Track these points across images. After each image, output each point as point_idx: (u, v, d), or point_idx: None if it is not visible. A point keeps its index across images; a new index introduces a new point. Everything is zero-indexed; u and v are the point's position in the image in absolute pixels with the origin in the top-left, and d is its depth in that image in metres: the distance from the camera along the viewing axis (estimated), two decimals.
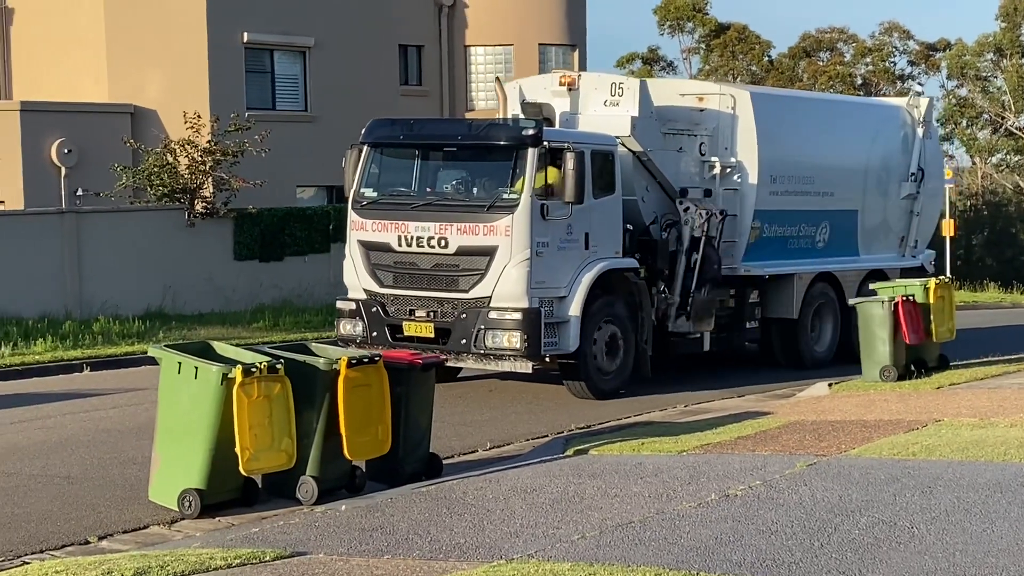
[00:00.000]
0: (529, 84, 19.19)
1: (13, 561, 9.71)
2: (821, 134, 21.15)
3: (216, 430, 10.76)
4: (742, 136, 19.25)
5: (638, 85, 18.30)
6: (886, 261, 22.22)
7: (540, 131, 16.38)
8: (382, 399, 11.53)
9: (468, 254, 16.34)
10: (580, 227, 16.71)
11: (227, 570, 8.73)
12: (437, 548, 9.33)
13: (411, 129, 17.83)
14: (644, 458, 12.73)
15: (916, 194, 22.46)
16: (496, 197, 16.44)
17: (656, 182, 18.55)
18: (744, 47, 52.02)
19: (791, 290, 20.13)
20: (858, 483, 11.11)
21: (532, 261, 16.10)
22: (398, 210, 16.90)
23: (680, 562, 8.61)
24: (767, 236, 19.81)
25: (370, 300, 17.01)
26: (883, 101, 26.83)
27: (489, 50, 35.19)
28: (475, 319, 16.18)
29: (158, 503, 11.10)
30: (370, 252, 17.07)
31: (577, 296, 16.53)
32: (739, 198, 19.30)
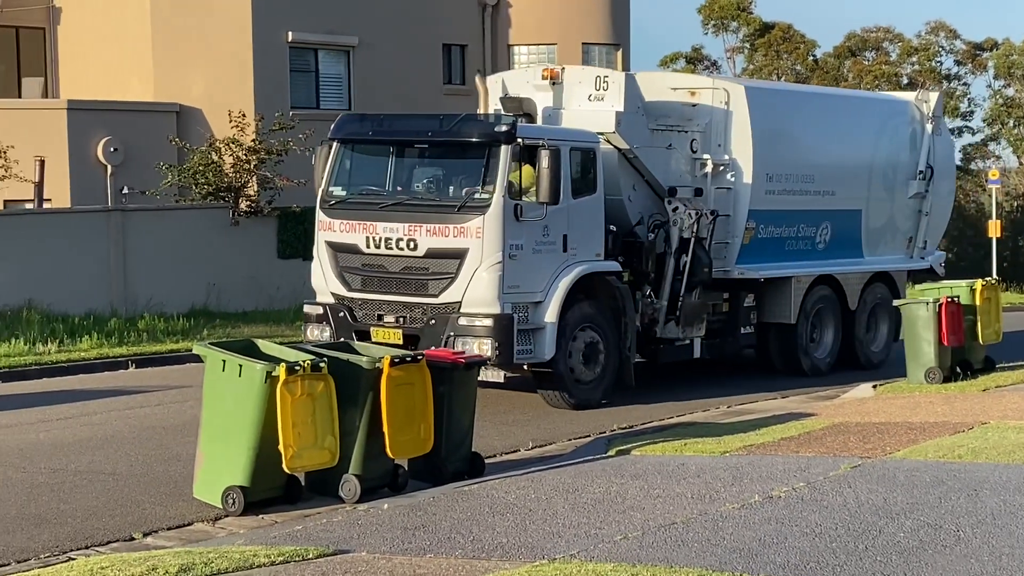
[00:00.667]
0: (512, 78, 18.40)
1: (59, 557, 9.78)
2: (822, 130, 20.26)
3: (260, 428, 10.80)
4: (736, 132, 18.35)
5: (623, 79, 17.48)
6: (892, 263, 21.38)
7: (514, 127, 15.54)
8: (425, 398, 11.55)
9: (438, 257, 15.53)
10: (557, 228, 15.90)
11: (271, 567, 8.76)
12: (479, 547, 9.33)
13: (381, 125, 16.99)
14: (687, 459, 12.69)
15: (925, 193, 21.46)
16: (467, 197, 15.60)
17: (644, 181, 17.77)
18: (789, 46, 51.72)
19: (788, 294, 19.18)
20: (903, 486, 11.03)
21: (505, 264, 15.29)
22: (367, 210, 16.08)
23: (723, 564, 8.57)
24: (763, 237, 18.90)
25: (338, 304, 16.20)
26: (890, 95, 25.69)
27: (532, 49, 35.13)
28: (444, 325, 15.32)
29: (202, 500, 11.16)
30: (338, 254, 16.26)
31: (553, 301, 15.74)
32: (733, 197, 18.39)
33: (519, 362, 15.52)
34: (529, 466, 12.65)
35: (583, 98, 17.38)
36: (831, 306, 20.00)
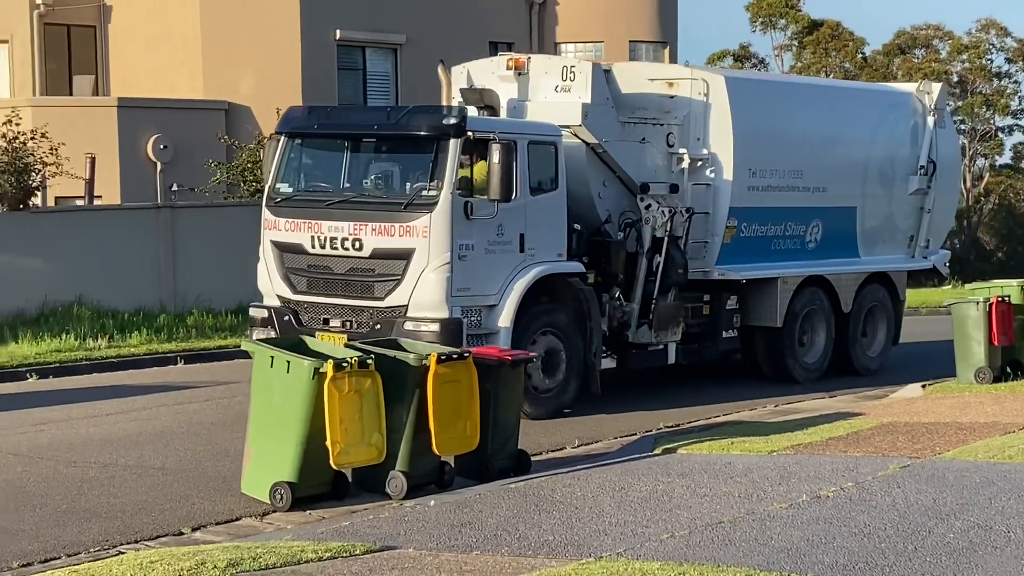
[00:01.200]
0: (477, 68, 17.17)
1: (108, 551, 9.84)
2: (811, 123, 19.06)
3: (307, 424, 10.84)
4: (716, 125, 17.26)
5: (591, 69, 16.36)
6: (891, 263, 20.27)
7: (463, 120, 14.58)
8: (471, 395, 11.56)
9: (384, 257, 14.57)
10: (514, 227, 14.91)
11: (318, 563, 8.79)
12: (526, 545, 9.33)
13: (328, 117, 16.15)
14: (734, 457, 12.64)
15: (927, 189, 20.29)
16: (414, 194, 14.64)
17: (615, 177, 16.73)
18: (837, 44, 51.43)
19: (774, 296, 18.07)
20: (953, 486, 10.95)
21: (453, 265, 14.35)
22: (312, 208, 15.14)
23: (771, 563, 8.53)
24: (745, 236, 17.80)
25: (283, 307, 15.24)
26: (889, 87, 24.31)
27: (579, 47, 35.08)
28: (390, 330, 14.25)
29: (250, 495, 11.20)
30: (283, 254, 15.28)
31: (507, 305, 14.73)
32: (712, 194, 17.33)
33: None
34: (575, 464, 12.64)
35: (550, 89, 16.47)
36: (822, 309, 18.97)
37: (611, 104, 16.52)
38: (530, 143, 15.18)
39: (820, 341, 19.00)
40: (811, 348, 18.96)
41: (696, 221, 17.01)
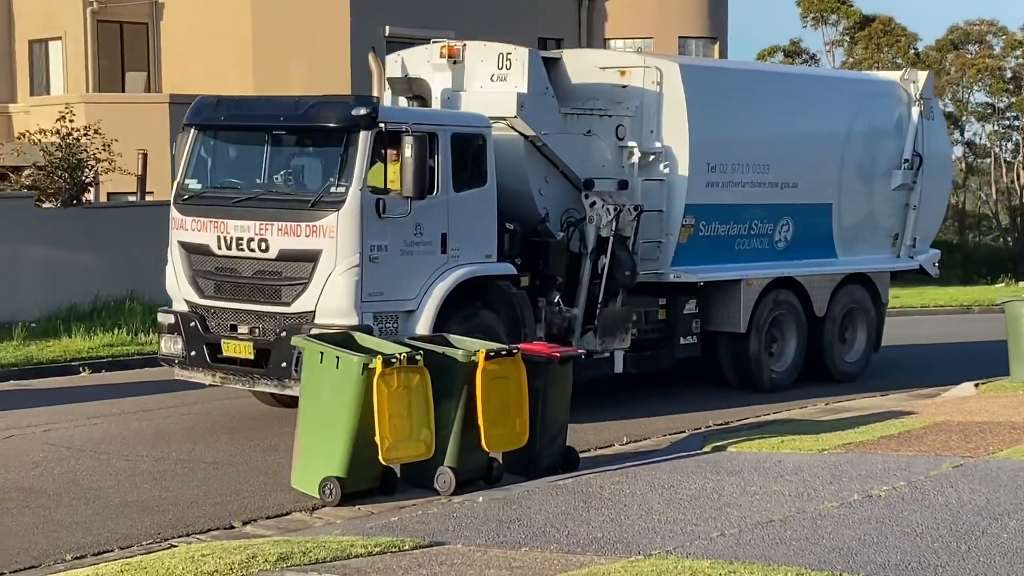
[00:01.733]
0: (412, 57, 16.02)
1: (161, 544, 9.91)
2: (779, 114, 17.57)
3: (356, 419, 10.87)
4: (670, 117, 15.90)
5: (527, 56, 15.07)
6: (873, 263, 18.83)
7: (374, 111, 13.37)
8: (520, 392, 11.56)
9: (291, 259, 13.43)
10: (434, 226, 13.77)
11: (367, 558, 8.81)
12: (574, 542, 9.32)
13: (236, 109, 14.82)
14: (784, 456, 12.57)
15: (912, 184, 18.85)
16: (322, 191, 13.49)
17: (558, 172, 15.45)
18: (889, 39, 51.05)
19: (737, 299, 16.75)
20: (1006, 486, 10.85)
21: (363, 268, 13.20)
22: (218, 206, 13.98)
23: (822, 563, 8.48)
24: (705, 235, 16.45)
25: (190, 313, 14.13)
26: (870, 75, 22.96)
27: (629, 43, 34.98)
28: None
29: (300, 490, 11.25)
30: (191, 255, 14.13)
31: (426, 311, 13.60)
32: (666, 190, 15.94)
33: None
34: (623, 461, 12.61)
35: (485, 78, 15.25)
36: (793, 313, 17.60)
37: (551, 94, 15.32)
38: (453, 135, 14.03)
39: (791, 347, 17.71)
40: (781, 355, 17.65)
41: (649, 219, 15.78)
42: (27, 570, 9.23)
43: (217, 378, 14.01)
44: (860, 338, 18.74)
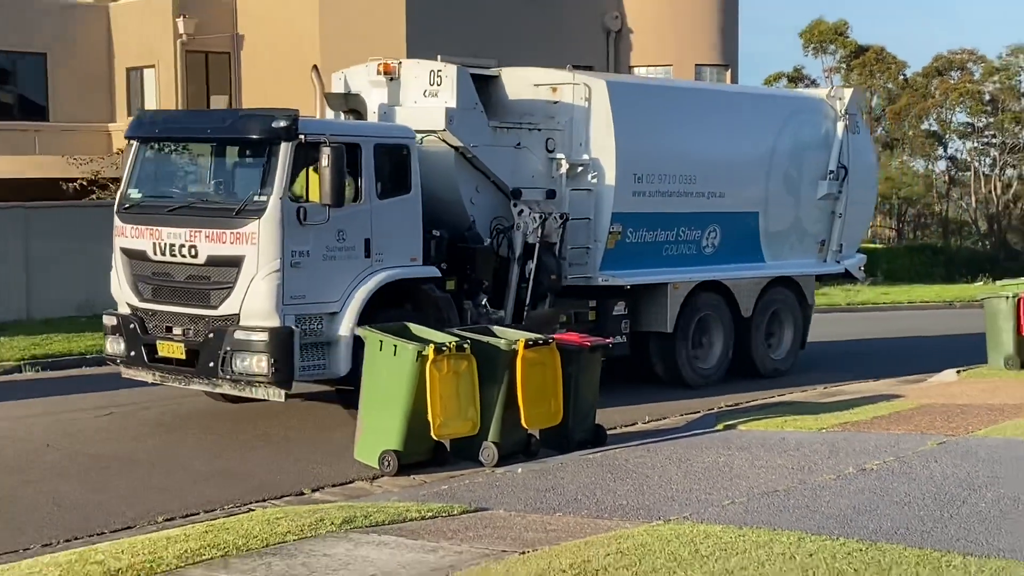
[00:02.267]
0: (353, 74, 15.19)
1: (240, 508, 9.96)
2: (706, 129, 16.55)
3: (411, 400, 10.90)
4: (597, 130, 15.05)
5: (455, 73, 14.35)
6: (800, 267, 17.76)
7: (294, 123, 12.56)
8: (555, 376, 11.56)
9: (217, 265, 12.65)
10: (357, 232, 12.96)
11: (420, 521, 8.83)
12: (602, 508, 9.31)
13: (170, 122, 14.09)
14: (787, 434, 12.52)
15: (838, 194, 17.86)
16: (246, 200, 12.67)
17: (489, 182, 14.63)
18: (881, 66, 50.69)
19: (664, 301, 15.81)
20: (984, 461, 10.76)
21: (285, 272, 12.38)
22: (154, 215, 13.24)
23: (821, 528, 8.44)
24: (632, 241, 15.53)
25: (130, 315, 13.39)
26: (797, 93, 21.95)
27: (651, 70, 34.92)
28: (222, 340, 12.51)
29: (362, 462, 11.28)
30: (131, 261, 13.37)
31: (348, 312, 12.76)
32: (594, 199, 15.10)
33: (306, 379, 12.79)
34: (646, 438, 12.59)
35: (419, 94, 14.52)
36: (720, 313, 16.62)
37: (479, 109, 14.55)
38: (376, 146, 13.22)
39: (718, 345, 16.72)
40: (708, 353, 16.69)
41: (577, 227, 14.96)
42: (124, 530, 9.29)
43: (157, 377, 13.27)
44: (787, 337, 17.78)
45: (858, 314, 29.35)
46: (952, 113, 51.56)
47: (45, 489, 10.62)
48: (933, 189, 52.69)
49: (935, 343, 22.38)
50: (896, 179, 50.03)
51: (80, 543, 8.84)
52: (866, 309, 30.27)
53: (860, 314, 29.35)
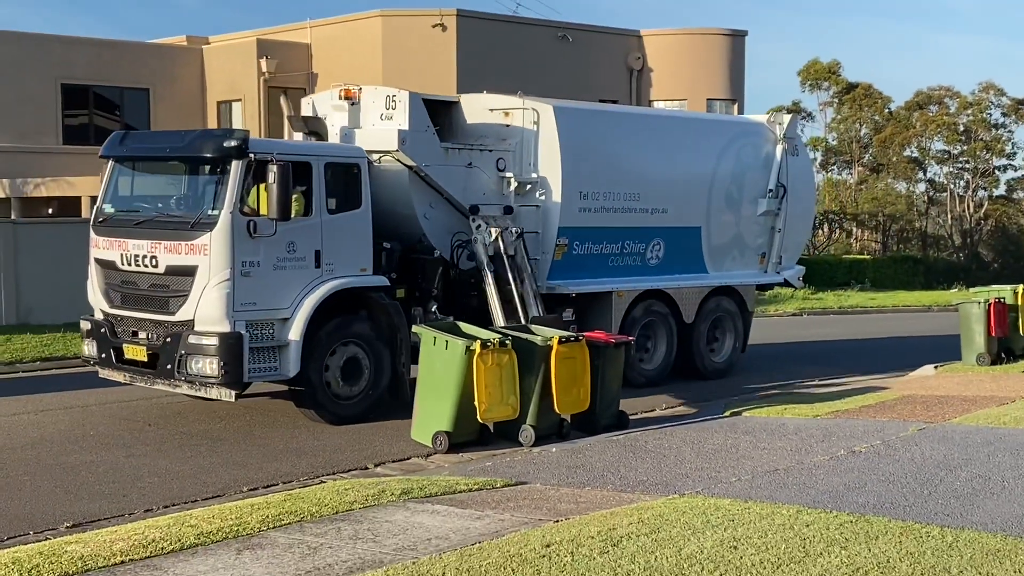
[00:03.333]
0: (320, 99, 14.58)
1: (313, 480, 9.99)
2: (650, 151, 15.73)
3: (461, 388, 10.90)
4: (544, 151, 14.38)
5: (408, 98, 13.71)
6: (741, 278, 16.92)
7: (244, 142, 11.93)
8: (584, 368, 11.54)
9: (175, 274, 12.08)
10: (307, 244, 12.27)
11: (468, 493, 8.82)
12: (625, 483, 9.28)
13: (136, 141, 13.44)
14: (786, 420, 12.43)
15: (777, 210, 17.01)
16: (200, 214, 12.04)
17: (443, 199, 13.93)
18: (869, 101, 50.20)
19: (609, 308, 15.01)
20: (959, 445, 10.65)
21: (235, 281, 11.74)
22: (122, 227, 12.71)
23: (816, 503, 8.38)
24: (578, 253, 14.76)
25: (103, 320, 12.90)
26: (739, 118, 20.95)
27: (668, 104, 34.80)
28: (178, 343, 11.96)
29: (417, 441, 11.30)
30: (103, 270, 12.85)
31: (298, 318, 12.08)
32: (542, 215, 14.43)
33: (256, 380, 12.13)
34: (663, 422, 12.54)
35: (376, 117, 13.90)
36: (663, 320, 15.81)
37: (431, 131, 13.84)
38: (327, 164, 12.55)
39: (661, 349, 15.89)
40: (652, 356, 15.85)
41: (528, 239, 14.17)
42: (214, 498, 9.35)
43: (127, 377, 12.75)
44: (728, 341, 16.92)
45: (848, 316, 29.13)
46: (931, 142, 51.05)
47: (146, 462, 10.70)
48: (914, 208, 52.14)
49: (916, 342, 22.19)
50: (881, 199, 49.50)
51: (176, 509, 8.91)
52: (855, 312, 30.04)
53: (850, 316, 29.13)
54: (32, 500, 9.28)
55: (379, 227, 13.02)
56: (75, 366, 16.58)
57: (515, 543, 7.18)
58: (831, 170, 51.76)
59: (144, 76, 31.51)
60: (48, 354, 17.77)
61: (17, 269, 21.30)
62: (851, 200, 48.98)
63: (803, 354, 19.05)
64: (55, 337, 18.97)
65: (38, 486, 9.74)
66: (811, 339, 22.72)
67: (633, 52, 34.75)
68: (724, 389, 15.42)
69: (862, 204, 48.98)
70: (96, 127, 30.66)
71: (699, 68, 35.06)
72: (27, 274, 21.29)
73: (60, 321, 20.04)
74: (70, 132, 30.47)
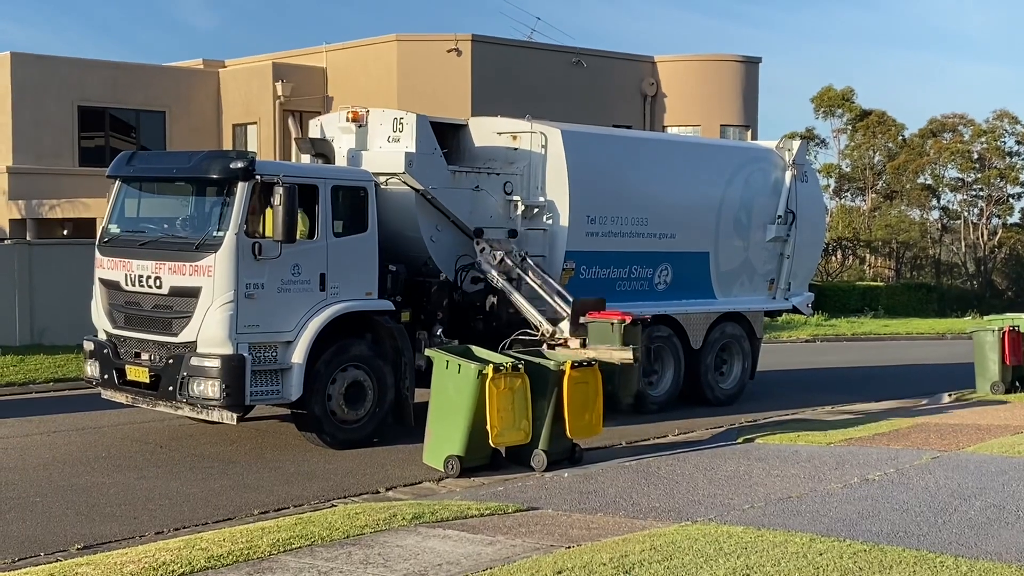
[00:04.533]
0: (327, 121, 14.45)
1: (324, 504, 9.96)
2: (657, 176, 15.60)
3: (473, 412, 10.88)
4: (552, 175, 14.26)
5: (415, 120, 13.57)
6: (750, 304, 16.65)
7: (251, 164, 11.80)
8: (596, 394, 11.51)
9: (179, 295, 11.91)
10: (313, 267, 12.11)
11: (480, 518, 8.79)
12: (638, 509, 9.24)
13: (144, 162, 13.18)
14: (799, 447, 12.37)
15: (786, 237, 16.83)
16: (205, 235, 11.88)
17: (449, 221, 13.74)
18: (883, 128, 50.19)
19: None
20: (973, 474, 10.58)
21: (238, 303, 11.60)
22: (127, 248, 12.54)
23: (829, 531, 8.32)
24: (585, 278, 14.57)
25: (106, 341, 12.75)
26: (749, 144, 20.81)
27: (682, 130, 34.83)
28: (180, 365, 11.81)
29: (429, 465, 11.27)
30: (108, 291, 12.71)
31: (301, 341, 11.92)
32: (549, 238, 14.27)
33: (258, 403, 11.99)
34: (675, 448, 12.49)
35: (383, 139, 13.73)
36: (670, 345, 15.56)
37: (439, 154, 13.70)
38: (334, 187, 12.42)
39: (668, 375, 15.60)
40: (659, 381, 15.58)
41: (534, 263, 14.00)
42: (225, 521, 9.32)
43: (128, 399, 12.64)
44: (736, 368, 16.64)
45: (862, 343, 29.03)
46: (944, 169, 50.99)
47: (158, 484, 10.69)
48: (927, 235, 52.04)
49: (929, 370, 22.08)
50: (895, 225, 49.43)
51: (187, 531, 8.89)
52: (869, 339, 29.93)
53: (863, 343, 29.03)
54: (44, 521, 9.28)
55: (385, 249, 12.92)
56: (88, 387, 16.57)
57: (526, 569, 7.15)
58: (844, 196, 51.73)
59: (160, 99, 31.70)
60: (61, 375, 17.80)
61: (32, 289, 21.39)
62: (864, 227, 48.91)
63: (816, 381, 18.97)
64: (68, 358, 19.02)
65: (50, 507, 9.74)
66: (824, 366, 22.63)
67: (647, 78, 34.83)
68: (736, 415, 15.35)
69: (875, 231, 48.90)
70: (112, 149, 30.81)
71: (713, 94, 35.10)
72: (41, 295, 21.38)
73: (73, 342, 20.04)
74: (86, 154, 30.63)
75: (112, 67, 31.37)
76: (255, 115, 31.83)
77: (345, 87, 31.61)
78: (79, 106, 30.39)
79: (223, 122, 32.80)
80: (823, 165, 50.51)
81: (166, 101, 31.83)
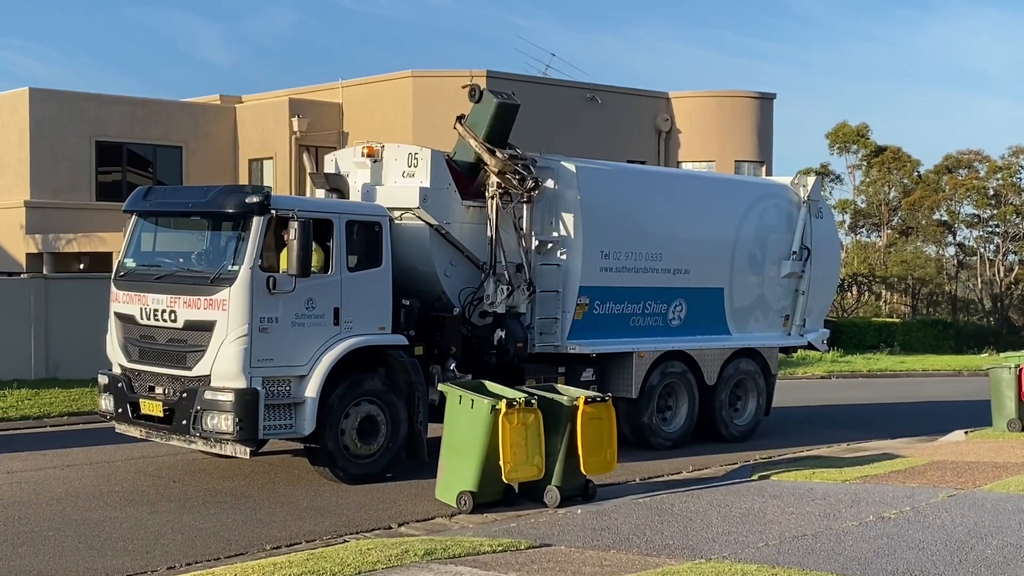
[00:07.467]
0: (342, 156, 14.44)
1: (336, 540, 9.93)
2: (672, 211, 15.54)
3: (486, 448, 10.86)
4: (566, 211, 14.21)
5: (430, 156, 13.63)
6: (764, 340, 16.54)
7: (266, 198, 11.83)
8: (611, 429, 11.47)
9: (194, 329, 11.92)
10: (327, 301, 12.11)
11: (492, 554, 8.76)
12: (651, 547, 9.19)
13: (159, 196, 13.15)
14: (815, 484, 12.30)
15: (801, 273, 16.72)
16: (220, 269, 11.92)
17: (463, 256, 13.72)
18: (898, 164, 50.24)
19: (630, 368, 14.79)
20: (990, 512, 10.49)
21: (252, 337, 11.61)
22: (142, 282, 12.58)
23: (845, 569, 8.26)
24: (599, 313, 14.51)
25: (120, 375, 12.76)
26: (763, 179, 20.86)
27: (696, 165, 34.91)
28: (193, 399, 11.81)
29: (442, 501, 11.24)
30: (123, 324, 12.73)
31: (315, 375, 11.92)
32: (562, 274, 14.20)
33: (271, 437, 12.05)
34: (690, 485, 12.43)
35: (398, 174, 13.75)
36: (685, 381, 15.49)
37: (452, 189, 13.68)
38: (348, 222, 12.44)
39: (682, 411, 15.56)
40: (673, 417, 15.56)
41: (547, 298, 14.10)
42: (237, 556, 9.32)
43: (143, 432, 12.61)
44: (750, 404, 16.53)
45: (877, 379, 28.89)
46: (960, 205, 50.92)
47: (170, 519, 10.69)
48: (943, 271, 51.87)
49: (945, 407, 21.95)
50: (911, 262, 49.33)
51: (199, 566, 8.88)
52: (884, 375, 29.79)
53: (879, 379, 28.89)
54: (56, 555, 9.29)
55: (398, 283, 12.91)
56: (102, 421, 16.60)
57: None
58: (860, 232, 51.65)
59: (177, 134, 31.96)
60: (76, 408, 17.85)
61: (47, 323, 21.50)
62: (880, 263, 48.79)
63: (832, 417, 18.88)
64: (83, 392, 19.08)
65: (62, 541, 9.75)
66: (840, 402, 22.53)
67: (661, 114, 34.96)
68: (751, 452, 15.28)
69: (891, 267, 48.77)
70: (129, 184, 31.05)
71: (727, 130, 35.19)
72: (57, 328, 21.49)
73: (88, 376, 20.11)
74: (103, 188, 30.87)
75: (130, 103, 31.67)
76: (271, 150, 32.05)
77: (361, 123, 31.81)
78: (97, 141, 30.66)
79: (239, 157, 33.04)
80: (838, 201, 50.49)
81: (183, 136, 32.09)
